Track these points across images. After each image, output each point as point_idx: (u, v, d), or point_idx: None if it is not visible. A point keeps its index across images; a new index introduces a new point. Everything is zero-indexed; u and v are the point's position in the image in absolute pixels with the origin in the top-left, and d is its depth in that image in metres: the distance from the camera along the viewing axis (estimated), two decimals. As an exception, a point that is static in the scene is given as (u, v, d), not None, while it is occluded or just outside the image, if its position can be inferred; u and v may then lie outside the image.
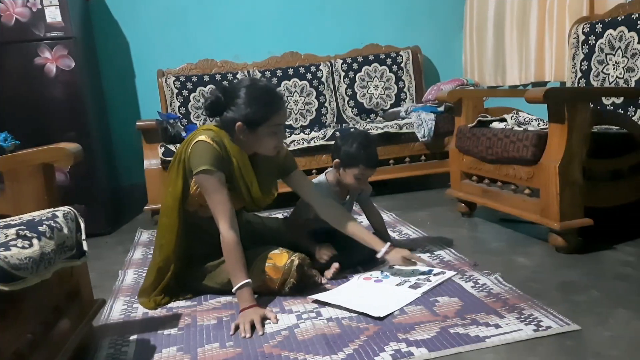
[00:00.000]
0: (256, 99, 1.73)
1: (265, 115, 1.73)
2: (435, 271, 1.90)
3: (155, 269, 1.86)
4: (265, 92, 1.76)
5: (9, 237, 1.12)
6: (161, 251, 1.84)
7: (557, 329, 1.44)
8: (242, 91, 1.74)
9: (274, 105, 1.76)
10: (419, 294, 1.73)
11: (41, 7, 2.81)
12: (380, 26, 4.00)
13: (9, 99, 2.84)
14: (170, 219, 1.81)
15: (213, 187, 1.69)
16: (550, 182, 2.00)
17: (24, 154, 1.52)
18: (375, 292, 1.79)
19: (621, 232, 2.21)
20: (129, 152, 3.64)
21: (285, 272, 1.76)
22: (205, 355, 1.46)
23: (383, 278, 1.90)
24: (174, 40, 3.73)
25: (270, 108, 1.74)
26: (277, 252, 1.80)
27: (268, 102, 1.75)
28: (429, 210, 2.90)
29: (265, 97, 1.75)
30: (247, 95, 1.73)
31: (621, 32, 2.46)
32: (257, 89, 1.76)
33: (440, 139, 3.34)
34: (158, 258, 1.85)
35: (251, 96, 1.73)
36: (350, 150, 1.97)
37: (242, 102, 1.73)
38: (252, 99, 1.73)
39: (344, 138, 2.03)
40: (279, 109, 1.77)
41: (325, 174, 2.11)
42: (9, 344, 1.10)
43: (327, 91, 3.78)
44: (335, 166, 2.03)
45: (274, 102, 1.76)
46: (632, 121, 2.23)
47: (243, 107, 1.72)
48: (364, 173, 2.00)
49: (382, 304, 1.66)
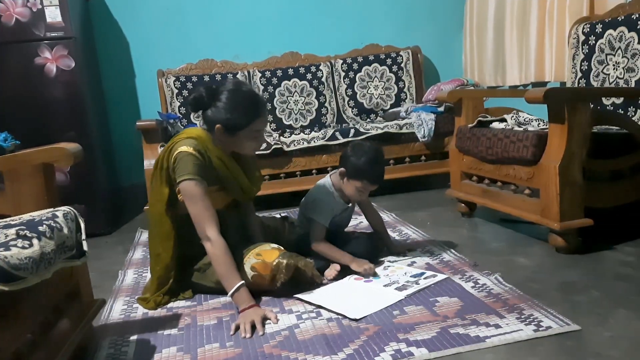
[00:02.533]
0: (237, 105, 1.76)
1: (244, 121, 1.77)
2: (427, 274, 1.89)
3: (155, 279, 1.86)
4: (246, 98, 1.79)
5: (9, 237, 1.12)
6: (158, 261, 1.84)
7: (557, 329, 1.44)
8: (224, 95, 1.76)
9: (254, 112, 1.78)
10: (403, 296, 1.72)
11: (41, 7, 2.81)
12: (380, 26, 4.00)
13: (9, 99, 2.84)
14: (164, 227, 1.82)
15: (197, 195, 1.71)
16: (550, 182, 2.00)
17: (24, 154, 1.52)
18: (361, 293, 1.79)
19: (621, 232, 2.21)
20: (129, 152, 3.64)
21: (274, 268, 1.74)
22: (205, 355, 1.46)
23: (373, 278, 1.90)
24: (174, 40, 3.73)
25: (250, 115, 1.77)
26: (268, 248, 1.79)
27: (249, 109, 1.77)
28: (429, 210, 2.90)
29: (246, 103, 1.77)
30: (228, 100, 1.76)
31: (621, 33, 2.46)
32: (239, 95, 1.78)
33: (440, 139, 3.34)
34: (157, 267, 1.85)
35: (233, 102, 1.76)
36: (357, 163, 1.94)
37: (223, 106, 1.76)
38: (233, 104, 1.76)
39: (355, 149, 1.98)
40: (259, 116, 1.79)
41: (330, 176, 2.08)
42: (8, 344, 1.10)
43: (327, 91, 3.78)
44: (340, 174, 2.00)
45: (254, 109, 1.79)
46: (632, 121, 2.23)
47: (223, 112, 1.76)
48: (366, 188, 1.98)
49: (362, 305, 1.66)
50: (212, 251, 1.70)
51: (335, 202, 2.03)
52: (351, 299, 1.72)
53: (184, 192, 1.73)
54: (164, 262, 1.84)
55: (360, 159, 1.93)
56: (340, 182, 2.02)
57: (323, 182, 2.08)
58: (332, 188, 2.04)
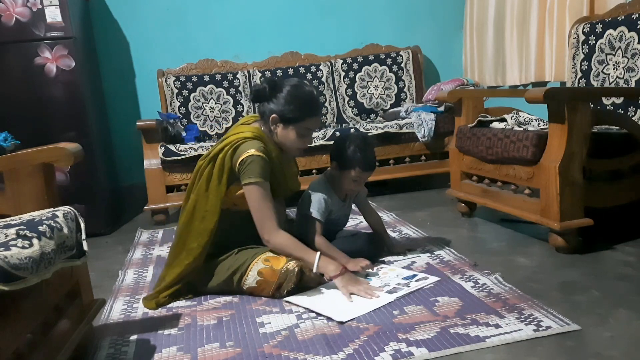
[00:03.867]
0: (296, 98, 1.84)
1: (299, 115, 1.84)
2: (419, 276, 1.89)
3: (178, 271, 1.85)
4: (306, 95, 1.88)
5: (9, 237, 1.12)
6: (189, 254, 1.84)
7: (557, 329, 1.44)
8: (287, 88, 1.85)
9: (310, 110, 1.88)
10: (393, 298, 1.71)
11: (41, 7, 2.81)
12: (380, 26, 4.00)
13: (9, 99, 2.84)
14: (209, 223, 1.82)
15: (263, 196, 1.79)
16: (550, 182, 2.00)
17: (24, 154, 1.52)
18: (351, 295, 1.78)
19: (621, 232, 2.21)
20: (129, 152, 3.64)
21: (282, 275, 1.75)
22: (205, 355, 1.46)
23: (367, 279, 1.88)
24: (174, 40, 3.73)
25: (306, 111, 1.86)
26: (276, 255, 1.81)
27: (306, 105, 1.86)
28: (429, 210, 2.90)
29: (305, 100, 1.87)
30: (289, 93, 1.84)
31: (621, 32, 2.46)
32: (300, 91, 1.87)
33: (440, 139, 3.34)
34: (185, 261, 1.84)
35: (293, 95, 1.84)
36: (346, 153, 1.97)
37: (283, 97, 1.84)
38: (293, 97, 1.84)
39: (341, 140, 2.03)
40: (314, 115, 1.90)
41: (324, 174, 2.11)
42: (9, 343, 1.10)
43: (327, 91, 3.78)
44: (333, 168, 2.03)
45: (311, 106, 1.89)
46: (632, 121, 2.23)
47: (282, 102, 1.84)
48: (360, 176, 1.99)
49: (350, 308, 1.66)
50: (280, 243, 1.80)
51: (331, 199, 2.03)
52: (340, 302, 1.71)
53: (250, 194, 1.79)
54: (194, 256, 1.83)
55: (348, 149, 1.97)
56: (334, 178, 2.03)
57: (317, 180, 2.10)
58: (326, 185, 2.05)
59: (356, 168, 1.97)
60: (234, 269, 1.83)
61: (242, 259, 1.83)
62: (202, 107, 3.60)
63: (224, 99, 3.63)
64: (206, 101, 3.61)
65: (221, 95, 3.63)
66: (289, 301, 1.76)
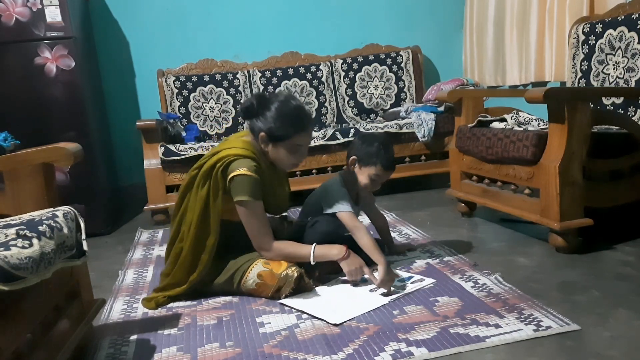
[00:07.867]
0: (284, 116, 1.81)
1: (288, 133, 1.81)
2: (415, 278, 1.88)
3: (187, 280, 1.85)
4: (293, 111, 1.83)
5: (9, 237, 1.12)
6: (201, 265, 1.84)
7: (557, 329, 1.44)
8: (274, 105, 1.82)
9: (298, 126, 1.83)
10: (387, 301, 1.71)
11: (41, 6, 2.81)
12: (380, 26, 4.00)
13: (9, 99, 2.84)
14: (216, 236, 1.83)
15: (254, 214, 1.80)
16: (550, 182, 2.00)
17: (24, 153, 1.52)
18: (345, 297, 1.77)
19: (621, 232, 2.21)
20: (129, 152, 3.64)
21: (281, 279, 1.76)
22: (205, 355, 1.46)
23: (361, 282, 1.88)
24: (174, 40, 3.73)
25: (294, 128, 1.82)
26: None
27: (294, 122, 1.82)
28: (429, 210, 2.90)
29: (293, 116, 1.83)
30: (276, 110, 1.81)
31: (621, 32, 2.46)
32: (288, 107, 1.83)
33: (440, 139, 3.34)
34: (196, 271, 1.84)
35: (280, 112, 1.81)
36: (370, 149, 1.94)
37: (271, 115, 1.81)
38: (280, 115, 1.80)
39: (364, 137, 2.02)
40: (303, 131, 1.84)
41: (339, 175, 2.07)
42: (9, 343, 1.10)
43: (327, 91, 3.78)
44: (351, 163, 1.99)
45: (299, 122, 1.83)
46: (632, 121, 2.23)
47: (270, 121, 1.81)
48: (379, 174, 1.95)
49: (344, 310, 1.65)
50: (276, 255, 1.81)
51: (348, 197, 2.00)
52: (333, 304, 1.71)
53: (241, 212, 1.80)
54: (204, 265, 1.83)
55: (372, 144, 1.95)
56: (348, 180, 2.01)
57: (333, 179, 2.05)
58: (343, 185, 2.02)
59: (378, 165, 1.94)
60: (235, 269, 1.83)
61: (242, 260, 1.84)
62: (202, 107, 3.60)
63: (224, 99, 3.64)
64: (206, 101, 3.61)
65: (221, 95, 3.63)
66: (283, 303, 1.75)
